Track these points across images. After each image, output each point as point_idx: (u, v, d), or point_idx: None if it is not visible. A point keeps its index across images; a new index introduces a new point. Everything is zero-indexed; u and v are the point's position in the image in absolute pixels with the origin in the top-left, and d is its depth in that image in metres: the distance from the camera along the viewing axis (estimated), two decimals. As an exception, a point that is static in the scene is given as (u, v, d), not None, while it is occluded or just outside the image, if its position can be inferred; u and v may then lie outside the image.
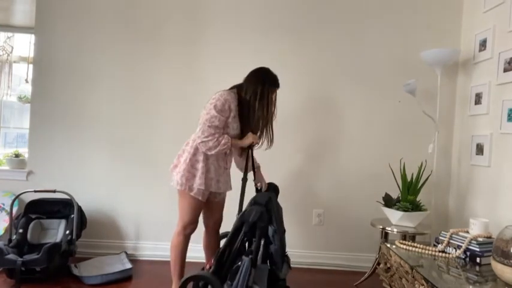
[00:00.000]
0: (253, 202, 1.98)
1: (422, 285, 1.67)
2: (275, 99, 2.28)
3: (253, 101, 2.17)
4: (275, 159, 3.10)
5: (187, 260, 2.28)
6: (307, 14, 3.10)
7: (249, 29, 3.11)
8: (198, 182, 2.13)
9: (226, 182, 2.30)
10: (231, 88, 2.27)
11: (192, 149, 2.16)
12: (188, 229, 2.22)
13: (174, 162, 2.26)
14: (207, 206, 2.31)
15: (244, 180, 2.22)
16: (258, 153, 3.28)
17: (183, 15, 3.11)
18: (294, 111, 3.10)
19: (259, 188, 2.39)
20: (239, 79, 2.27)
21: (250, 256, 1.79)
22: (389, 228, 2.50)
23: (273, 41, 3.10)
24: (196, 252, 2.68)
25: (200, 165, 2.15)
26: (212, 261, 1.92)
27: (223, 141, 2.11)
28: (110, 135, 3.16)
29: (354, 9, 3.08)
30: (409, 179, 2.61)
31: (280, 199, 2.21)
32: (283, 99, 3.09)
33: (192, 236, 2.27)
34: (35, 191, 2.81)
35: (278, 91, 2.32)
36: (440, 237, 2.14)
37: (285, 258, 1.99)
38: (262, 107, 2.18)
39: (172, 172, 2.25)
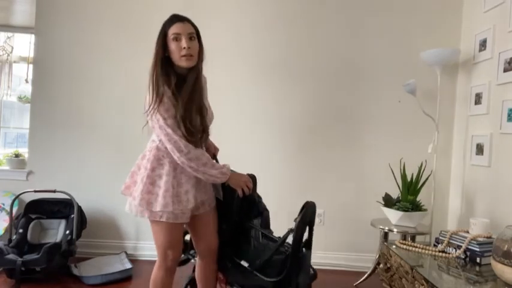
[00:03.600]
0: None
1: (422, 285, 1.67)
2: (187, 39, 1.65)
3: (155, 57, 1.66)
4: (275, 159, 3.10)
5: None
6: (307, 13, 3.10)
7: (247, 28, 3.10)
8: (161, 203, 1.60)
9: (207, 187, 1.79)
10: None
11: (149, 163, 1.66)
12: (169, 258, 1.69)
13: (125, 182, 1.72)
14: (192, 225, 1.80)
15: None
16: (257, 153, 3.27)
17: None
18: (293, 111, 3.10)
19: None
20: (239, 78, 2.25)
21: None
22: (389, 228, 2.50)
23: (271, 41, 3.10)
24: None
25: (163, 181, 1.64)
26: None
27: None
28: (110, 135, 3.16)
29: (354, 9, 3.08)
30: (409, 179, 2.61)
31: (281, 199, 2.20)
32: (282, 99, 3.11)
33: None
34: (35, 191, 2.80)
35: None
36: (440, 237, 2.14)
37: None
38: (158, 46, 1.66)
39: (125, 195, 1.72)
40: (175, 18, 1.70)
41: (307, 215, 1.66)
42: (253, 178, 1.84)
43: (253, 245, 1.79)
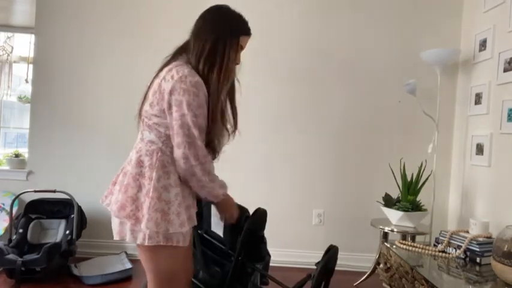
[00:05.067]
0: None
1: (423, 285, 1.67)
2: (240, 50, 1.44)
3: (208, 71, 1.36)
4: (275, 159, 3.10)
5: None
6: (307, 12, 3.10)
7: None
8: (177, 222, 1.29)
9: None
10: (177, 56, 1.48)
11: (154, 172, 1.33)
12: None
13: (119, 200, 1.38)
14: None
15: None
16: (256, 153, 3.26)
17: (183, 16, 3.11)
18: (293, 111, 3.10)
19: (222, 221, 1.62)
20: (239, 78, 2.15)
21: None
22: (389, 228, 2.50)
23: (270, 42, 3.09)
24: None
25: (173, 194, 1.33)
26: None
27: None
28: (110, 135, 3.16)
29: (354, 9, 3.08)
30: (409, 179, 2.61)
31: (281, 199, 2.18)
32: (282, 98, 3.11)
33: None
34: (35, 191, 2.81)
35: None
36: (440, 237, 2.14)
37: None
38: (220, 74, 1.37)
39: (120, 218, 1.39)
40: (250, 29, 1.46)
41: (332, 261, 1.46)
42: (263, 214, 1.55)
43: None
